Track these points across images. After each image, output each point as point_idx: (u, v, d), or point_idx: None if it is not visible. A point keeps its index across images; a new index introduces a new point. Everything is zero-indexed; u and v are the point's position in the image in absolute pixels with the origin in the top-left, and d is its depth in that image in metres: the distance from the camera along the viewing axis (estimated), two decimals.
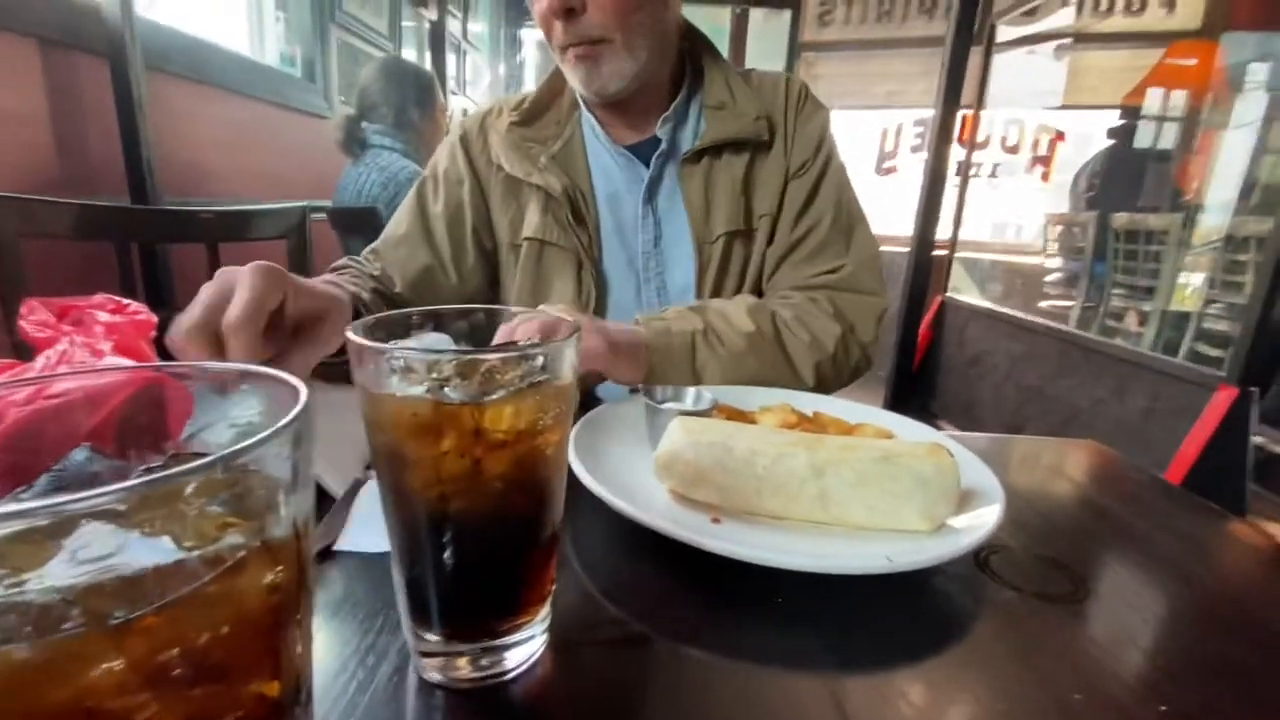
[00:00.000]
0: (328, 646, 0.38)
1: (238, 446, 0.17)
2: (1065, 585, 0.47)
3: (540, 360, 0.32)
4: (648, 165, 0.89)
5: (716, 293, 0.91)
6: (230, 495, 0.18)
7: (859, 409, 0.67)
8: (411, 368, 0.30)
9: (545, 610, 0.38)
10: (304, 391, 0.21)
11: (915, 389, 3.44)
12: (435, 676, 0.35)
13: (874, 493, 0.46)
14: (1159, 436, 2.33)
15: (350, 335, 0.30)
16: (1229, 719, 0.36)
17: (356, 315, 0.68)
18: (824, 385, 0.84)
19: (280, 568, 0.19)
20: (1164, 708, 0.36)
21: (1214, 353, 2.91)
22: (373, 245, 0.93)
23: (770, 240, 0.91)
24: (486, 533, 0.32)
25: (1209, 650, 0.41)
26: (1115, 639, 0.41)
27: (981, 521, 0.46)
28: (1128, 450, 0.76)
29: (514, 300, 0.92)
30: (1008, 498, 0.50)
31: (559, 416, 0.33)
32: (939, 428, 0.66)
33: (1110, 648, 0.41)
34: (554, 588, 0.39)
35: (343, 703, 0.33)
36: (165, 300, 1.48)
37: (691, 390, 0.65)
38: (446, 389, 0.30)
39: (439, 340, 0.36)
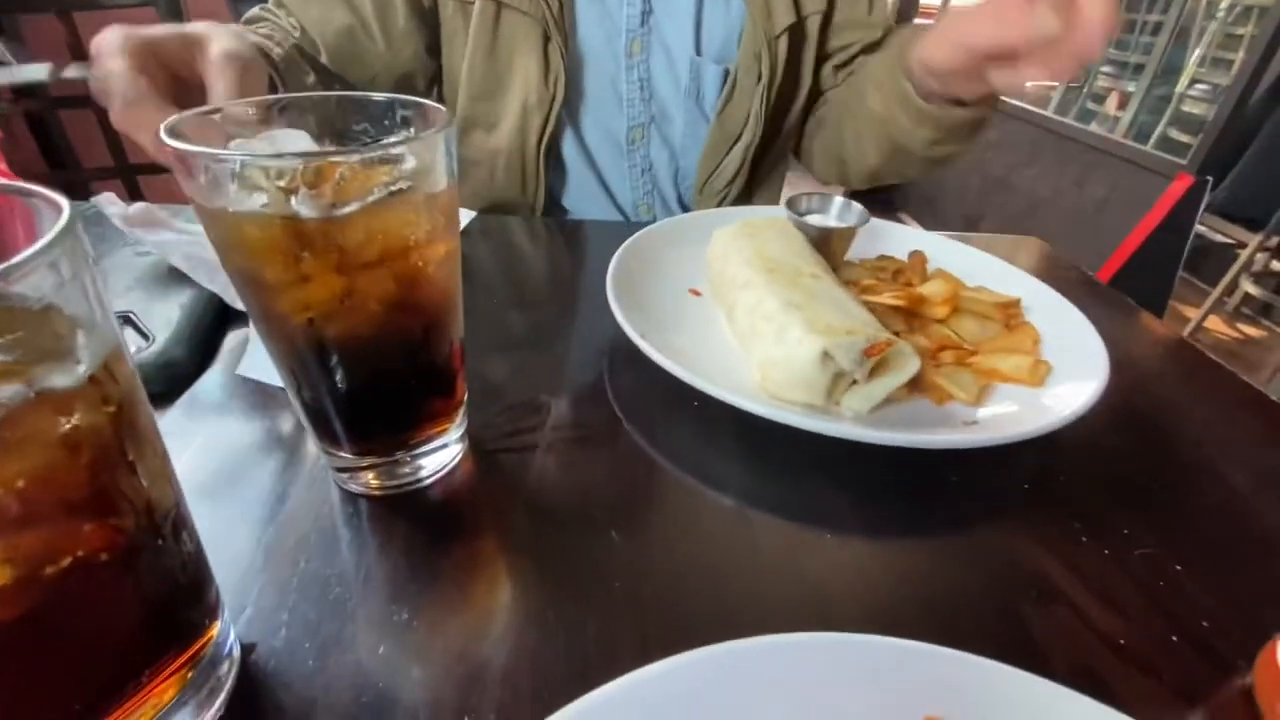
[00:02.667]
0: (241, 461, 0.38)
1: None
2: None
3: (408, 161, 0.28)
4: None
5: (780, 108, 0.78)
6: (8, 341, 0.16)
7: (1046, 296, 0.55)
8: (248, 176, 0.26)
9: (459, 419, 0.38)
10: (66, 210, 0.17)
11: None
12: (353, 487, 0.36)
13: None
14: (1110, 226, 2.36)
15: (164, 136, 0.25)
16: (1071, 498, 0.40)
17: (271, 85, 0.56)
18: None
19: (75, 415, 0.17)
20: (1028, 486, 0.40)
21: (1184, 139, 2.84)
22: None
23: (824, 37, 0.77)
24: (373, 357, 0.31)
25: (1081, 440, 0.45)
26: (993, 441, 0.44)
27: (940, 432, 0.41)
28: (1079, 240, 0.77)
29: (464, 78, 0.74)
30: None
31: (438, 229, 0.30)
32: (900, 221, 0.64)
33: (985, 452, 0.43)
34: (466, 397, 0.39)
35: (261, 514, 0.35)
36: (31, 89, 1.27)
37: (839, 200, 0.61)
38: (293, 201, 0.26)
39: (293, 138, 0.31)
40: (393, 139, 0.31)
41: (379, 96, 0.32)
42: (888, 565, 0.35)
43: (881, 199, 3.40)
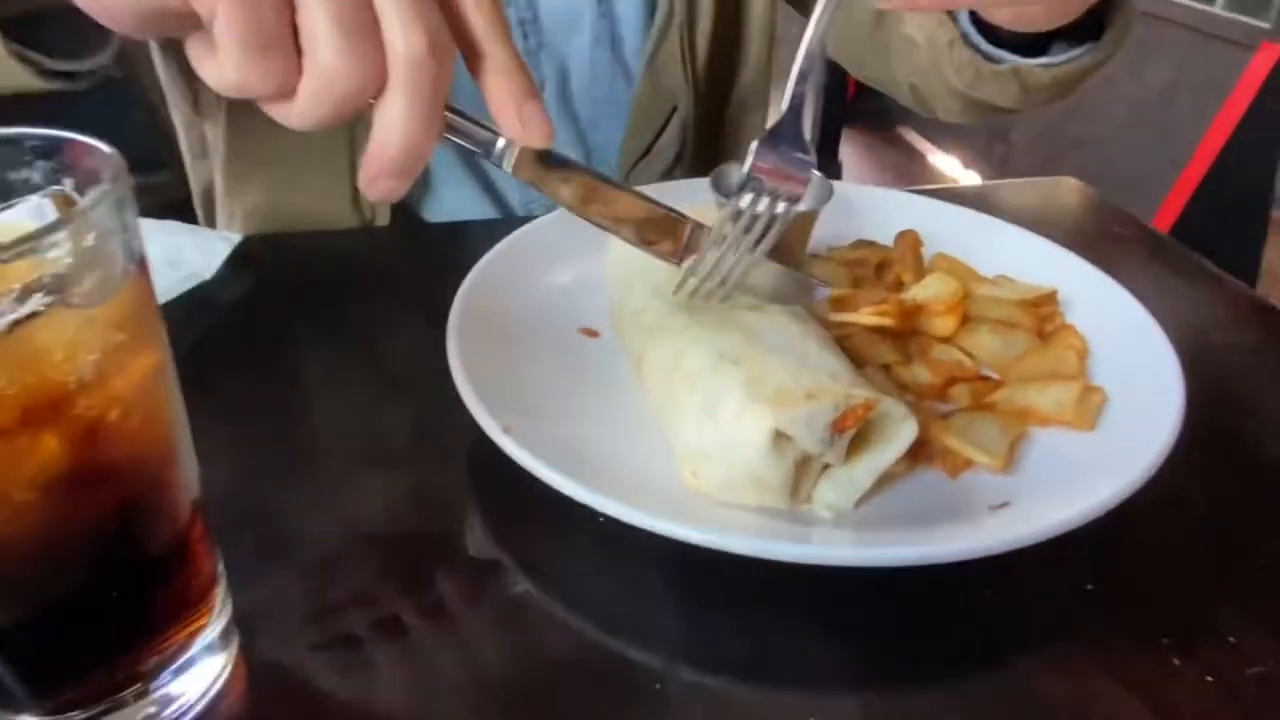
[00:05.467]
0: None
1: None
2: None
3: (57, 254, 0.25)
4: None
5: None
6: None
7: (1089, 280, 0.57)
8: None
9: (217, 613, 0.36)
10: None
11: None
12: None
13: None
14: (1180, 122, 2.49)
15: None
16: (1151, 598, 0.41)
17: None
18: None
19: None
20: (1090, 588, 0.41)
21: None
22: None
23: None
24: (36, 573, 0.28)
25: (1156, 502, 0.46)
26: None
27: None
28: (1145, 143, 0.79)
29: None
30: None
31: (124, 351, 0.27)
32: (901, 138, 0.64)
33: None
34: (222, 568, 0.36)
35: None
36: None
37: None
38: None
39: None
40: (22, 211, 0.28)
41: None
42: None
43: (875, 109, 3.49)
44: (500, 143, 0.39)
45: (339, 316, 0.61)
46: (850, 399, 0.40)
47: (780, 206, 0.57)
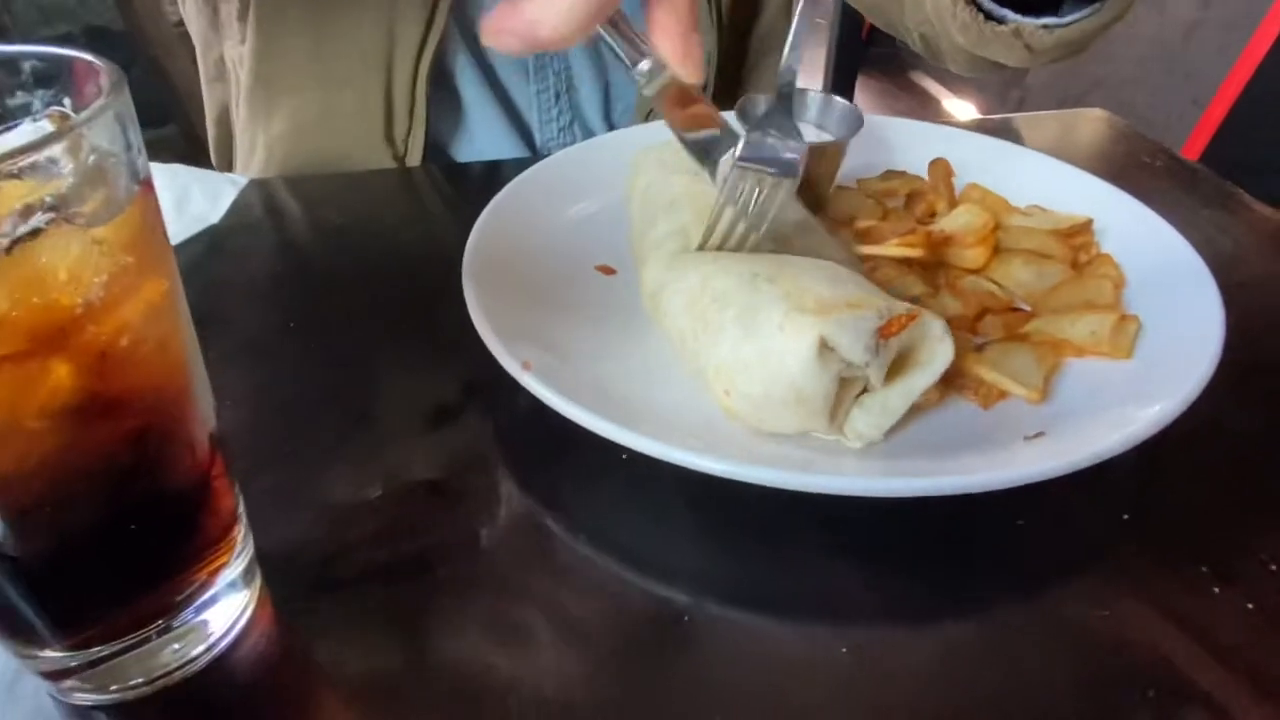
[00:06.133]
0: None
1: None
2: None
3: (60, 172, 0.24)
4: None
5: None
6: None
7: (1123, 207, 0.56)
8: None
9: (239, 547, 0.35)
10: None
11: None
12: (79, 699, 0.33)
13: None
14: (1204, 62, 2.42)
15: None
16: (1190, 525, 0.40)
17: None
18: None
19: None
20: (1128, 517, 0.40)
21: None
22: None
23: None
24: (49, 506, 0.27)
25: (1195, 430, 0.45)
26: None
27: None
28: (1166, 83, 0.77)
29: None
30: None
31: (129, 275, 0.26)
32: (915, 84, 0.63)
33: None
34: (243, 509, 0.36)
35: None
36: None
37: (816, 98, 0.57)
38: None
39: None
40: (21, 133, 0.27)
41: None
42: (930, 678, 0.34)
43: (889, 55, 3.42)
44: (647, 63, 0.40)
45: (360, 257, 0.60)
46: (892, 309, 0.38)
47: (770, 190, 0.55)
